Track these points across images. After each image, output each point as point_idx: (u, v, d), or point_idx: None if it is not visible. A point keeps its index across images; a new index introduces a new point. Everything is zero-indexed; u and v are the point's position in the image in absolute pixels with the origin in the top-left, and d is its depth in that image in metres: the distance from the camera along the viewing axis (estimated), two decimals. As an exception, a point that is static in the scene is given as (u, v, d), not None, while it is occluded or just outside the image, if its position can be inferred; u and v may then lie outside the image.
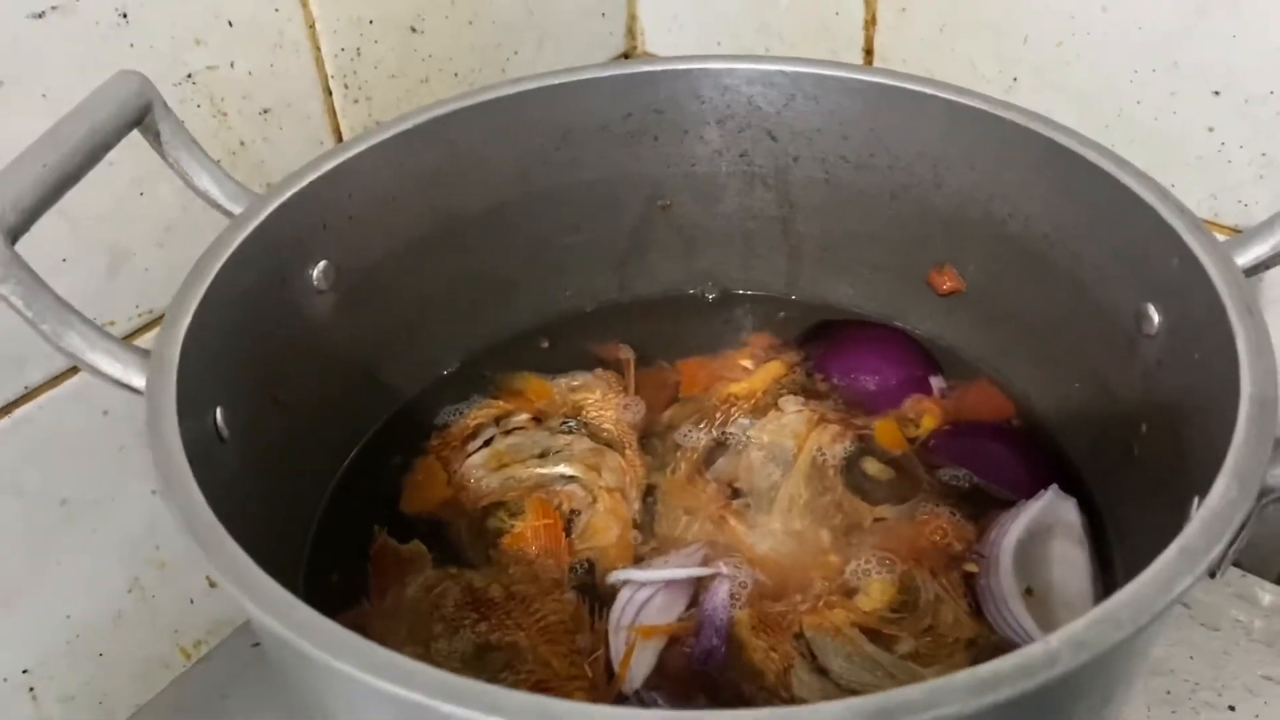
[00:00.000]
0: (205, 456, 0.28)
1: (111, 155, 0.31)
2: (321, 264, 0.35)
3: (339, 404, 0.37)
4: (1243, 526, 0.25)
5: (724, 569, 0.34)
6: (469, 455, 0.38)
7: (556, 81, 0.39)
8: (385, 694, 0.20)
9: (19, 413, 0.36)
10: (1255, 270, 0.30)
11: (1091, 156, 0.33)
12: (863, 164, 0.39)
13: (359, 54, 0.44)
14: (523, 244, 0.41)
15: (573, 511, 0.36)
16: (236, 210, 0.33)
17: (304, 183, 0.34)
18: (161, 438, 0.26)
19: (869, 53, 0.48)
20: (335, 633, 0.22)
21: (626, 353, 0.41)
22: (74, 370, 0.37)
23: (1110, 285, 0.34)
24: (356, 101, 0.44)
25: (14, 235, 0.27)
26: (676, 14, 0.54)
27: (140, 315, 0.39)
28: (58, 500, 0.39)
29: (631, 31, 0.56)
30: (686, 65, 0.39)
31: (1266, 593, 0.43)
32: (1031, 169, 0.35)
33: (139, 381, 0.28)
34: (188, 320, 0.29)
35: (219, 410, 0.30)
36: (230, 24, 0.39)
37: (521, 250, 0.41)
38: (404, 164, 0.38)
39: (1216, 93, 0.40)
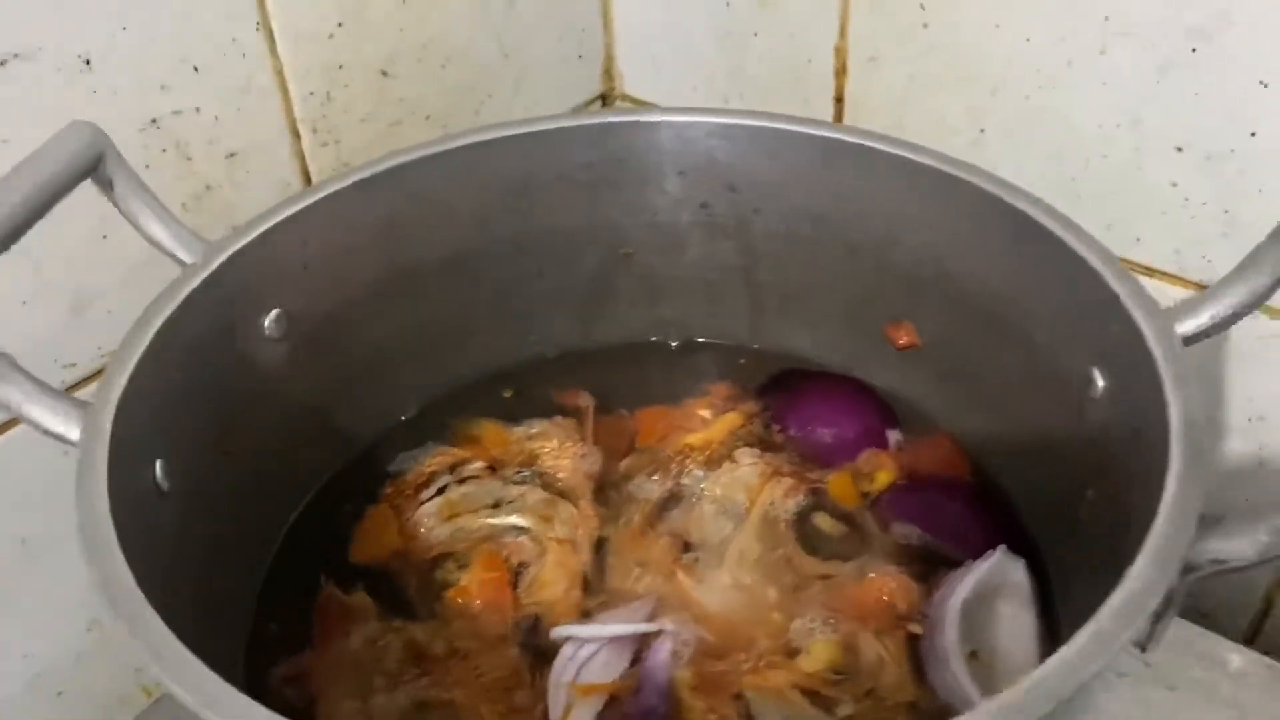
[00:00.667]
0: (142, 510, 0.28)
1: (75, 198, 0.31)
2: (274, 313, 0.36)
3: (291, 453, 0.37)
4: (1168, 602, 0.24)
5: (668, 626, 0.34)
6: (421, 504, 0.38)
7: (518, 131, 0.39)
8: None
9: (-26, 453, 0.37)
10: (1197, 339, 0.30)
11: (1041, 219, 0.33)
12: (821, 218, 0.39)
13: (329, 98, 0.44)
14: (484, 291, 0.41)
15: (521, 564, 0.36)
16: (190, 259, 0.33)
17: (257, 231, 0.35)
18: (88, 497, 0.26)
19: (839, 100, 0.48)
20: (246, 708, 0.21)
21: (586, 400, 0.41)
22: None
23: (1060, 347, 0.34)
24: (325, 145, 0.44)
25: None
26: (654, 57, 0.54)
27: (103, 357, 0.39)
28: (17, 540, 0.39)
29: (609, 73, 0.56)
30: (647, 117, 0.40)
31: (1235, 654, 0.42)
32: (985, 229, 0.35)
33: (75, 435, 0.28)
34: (128, 372, 0.29)
35: (159, 463, 0.30)
36: (195, 69, 0.39)
37: (483, 297, 0.41)
38: (362, 212, 0.38)
39: (1179, 149, 0.40)
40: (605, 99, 0.58)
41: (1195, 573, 0.24)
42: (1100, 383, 0.32)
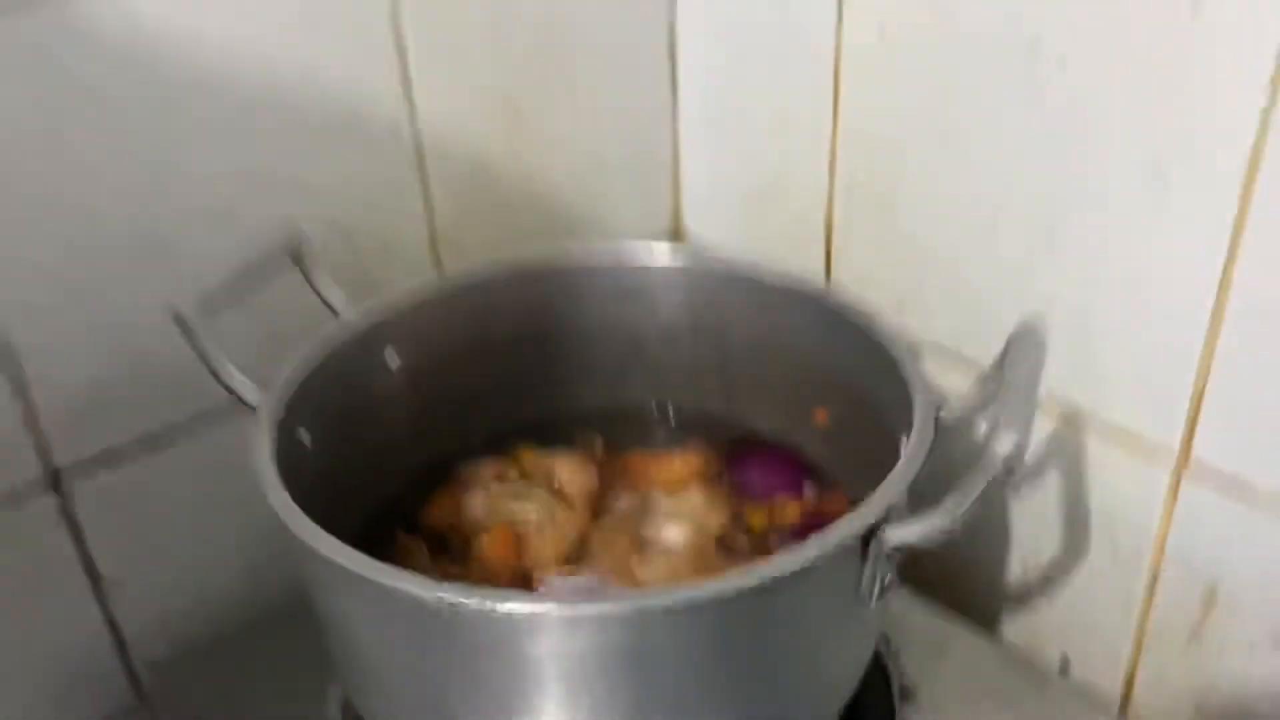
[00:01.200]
0: (290, 459, 0.47)
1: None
2: (394, 351, 0.55)
3: (394, 447, 0.56)
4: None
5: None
6: (472, 493, 0.56)
7: (568, 261, 0.58)
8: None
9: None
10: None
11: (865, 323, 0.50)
12: (772, 336, 0.56)
13: (461, 218, 0.64)
14: (538, 361, 0.60)
15: (525, 537, 0.54)
16: (346, 314, 0.54)
17: (391, 303, 0.55)
18: (259, 443, 0.45)
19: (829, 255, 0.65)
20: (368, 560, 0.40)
21: (596, 441, 0.59)
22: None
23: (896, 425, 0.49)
24: (454, 248, 0.64)
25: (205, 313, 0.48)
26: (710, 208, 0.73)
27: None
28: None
29: (676, 214, 0.75)
30: (662, 262, 0.58)
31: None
32: (858, 349, 0.52)
33: (254, 400, 0.47)
34: (293, 368, 0.49)
35: (303, 430, 0.49)
36: (364, 195, 0.60)
37: (537, 365, 0.60)
38: (461, 298, 0.57)
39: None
40: (676, 237, 0.77)
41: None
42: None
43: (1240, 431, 0.49)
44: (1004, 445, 0.39)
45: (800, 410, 0.57)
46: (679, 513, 0.55)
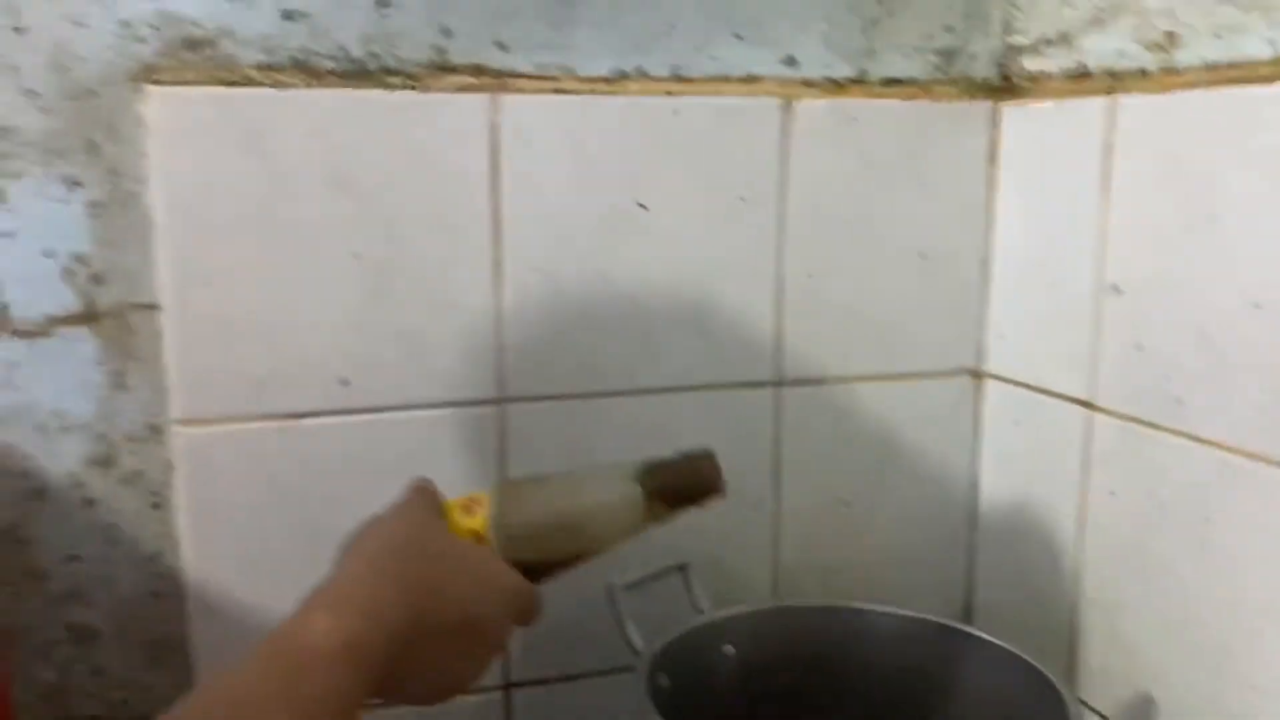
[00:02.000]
0: (657, 694, 0.76)
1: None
2: (731, 645, 0.83)
3: (728, 704, 0.83)
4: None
5: None
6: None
7: (870, 614, 0.85)
8: None
9: None
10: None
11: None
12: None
13: (799, 567, 0.93)
14: (828, 677, 0.85)
15: None
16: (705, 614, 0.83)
17: (734, 613, 0.84)
18: (640, 676, 0.75)
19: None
20: None
21: None
22: None
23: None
24: (791, 586, 0.93)
25: (624, 590, 0.79)
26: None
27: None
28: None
29: (969, 589, 0.99)
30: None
31: None
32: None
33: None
34: (665, 640, 0.79)
35: (664, 675, 0.78)
36: (734, 544, 0.91)
37: (828, 681, 0.86)
38: (783, 620, 0.85)
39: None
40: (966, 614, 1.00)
41: None
42: None
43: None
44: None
45: None
46: None
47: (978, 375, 0.97)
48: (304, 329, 0.78)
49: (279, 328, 0.78)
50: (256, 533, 0.80)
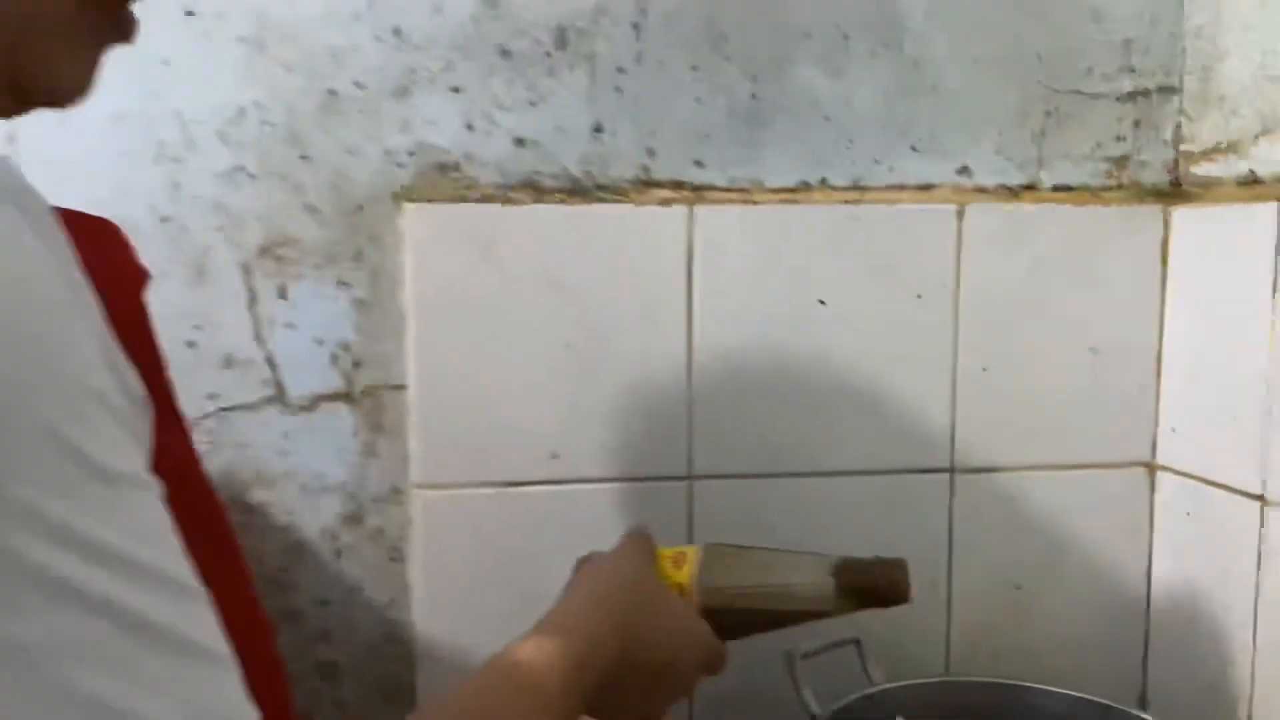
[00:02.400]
0: None
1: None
2: (901, 715, 0.89)
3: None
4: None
5: None
6: None
7: (1032, 695, 0.88)
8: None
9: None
10: None
11: None
12: None
13: (969, 652, 0.98)
14: None
15: None
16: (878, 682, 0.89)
17: (904, 685, 0.89)
18: (814, 731, 0.81)
19: None
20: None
21: None
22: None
23: None
24: (962, 666, 0.97)
25: (801, 657, 0.86)
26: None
27: (835, 718, 0.95)
28: None
29: (1144, 673, 1.00)
30: None
31: None
32: None
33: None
34: (841, 705, 0.85)
35: None
36: (911, 629, 0.97)
37: None
38: (948, 693, 0.90)
39: None
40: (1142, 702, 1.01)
41: None
42: None
43: None
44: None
45: None
46: None
47: (1151, 468, 1.00)
48: (522, 408, 0.90)
49: (502, 407, 0.90)
50: (475, 585, 0.91)
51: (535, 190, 0.90)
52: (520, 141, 0.90)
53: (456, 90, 0.89)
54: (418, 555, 0.91)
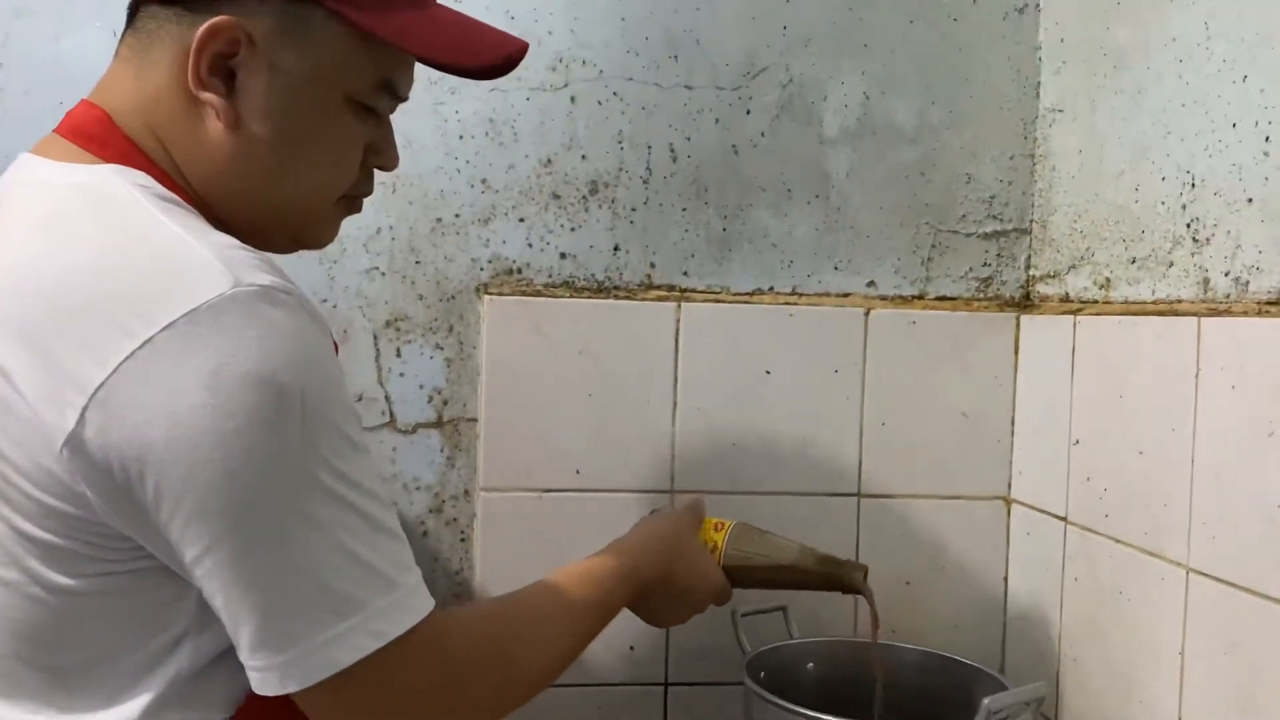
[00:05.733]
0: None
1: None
2: (811, 664, 1.26)
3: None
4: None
5: None
6: None
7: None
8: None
9: None
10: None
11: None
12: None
13: (868, 624, 1.36)
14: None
15: None
16: (796, 639, 1.27)
17: None
18: None
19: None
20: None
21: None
22: None
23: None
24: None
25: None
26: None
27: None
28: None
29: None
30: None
31: None
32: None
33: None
34: (759, 653, 1.23)
35: (761, 671, 1.22)
36: None
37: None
38: None
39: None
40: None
41: None
42: None
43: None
44: None
45: None
46: None
47: (1006, 500, 1.39)
48: (557, 437, 1.31)
49: (543, 436, 1.31)
50: (519, 560, 1.31)
51: (572, 289, 1.32)
52: (564, 255, 1.32)
53: (522, 220, 1.31)
54: (479, 538, 1.31)
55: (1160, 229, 1.11)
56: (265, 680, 0.70)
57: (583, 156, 1.32)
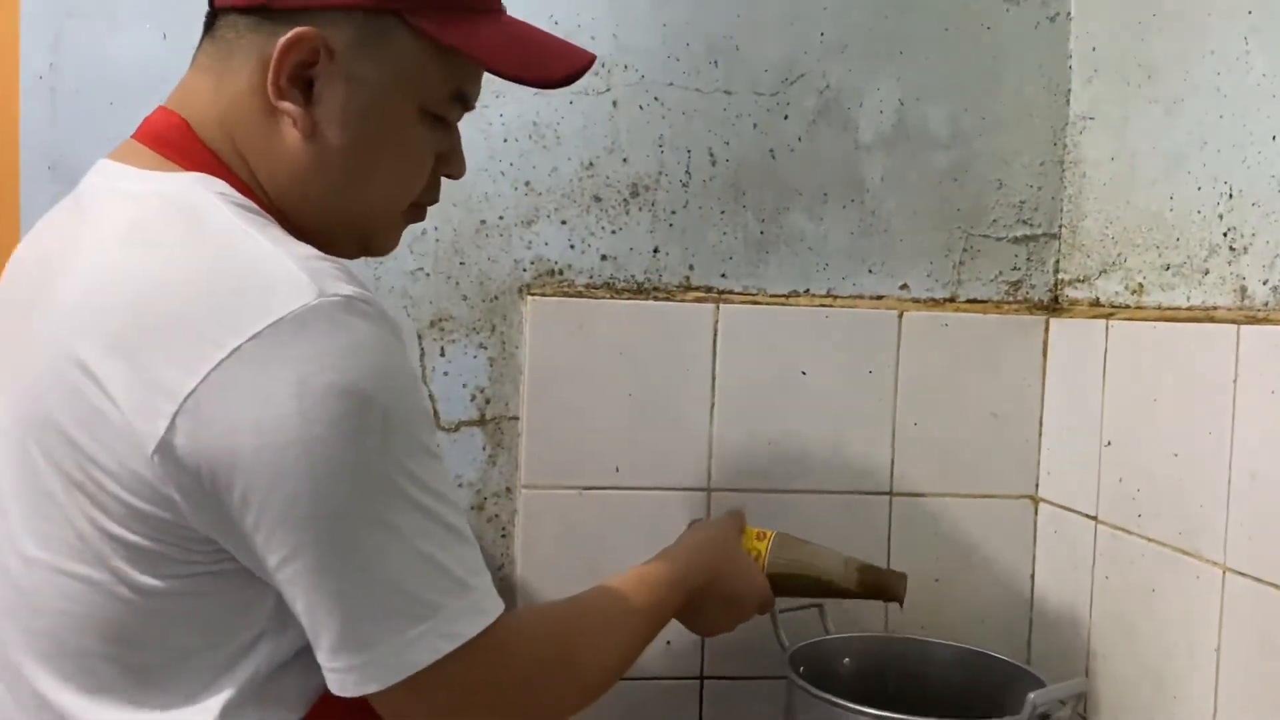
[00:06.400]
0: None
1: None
2: (848, 659, 1.29)
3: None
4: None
5: None
6: None
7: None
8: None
9: None
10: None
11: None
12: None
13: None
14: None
15: None
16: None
17: None
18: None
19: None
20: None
21: None
22: None
23: None
24: (892, 633, 1.39)
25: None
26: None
27: None
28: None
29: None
30: None
31: None
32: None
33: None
34: (798, 648, 1.26)
35: (800, 665, 1.25)
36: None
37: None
38: None
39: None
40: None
41: None
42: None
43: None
44: None
45: None
46: None
47: (1034, 499, 1.42)
48: (596, 435, 1.33)
49: (582, 434, 1.33)
50: (558, 556, 1.33)
51: (613, 290, 1.34)
52: (604, 257, 1.34)
53: (564, 222, 1.33)
54: (520, 534, 1.34)
55: (1196, 237, 1.13)
56: (344, 682, 0.72)
57: (624, 160, 1.34)
